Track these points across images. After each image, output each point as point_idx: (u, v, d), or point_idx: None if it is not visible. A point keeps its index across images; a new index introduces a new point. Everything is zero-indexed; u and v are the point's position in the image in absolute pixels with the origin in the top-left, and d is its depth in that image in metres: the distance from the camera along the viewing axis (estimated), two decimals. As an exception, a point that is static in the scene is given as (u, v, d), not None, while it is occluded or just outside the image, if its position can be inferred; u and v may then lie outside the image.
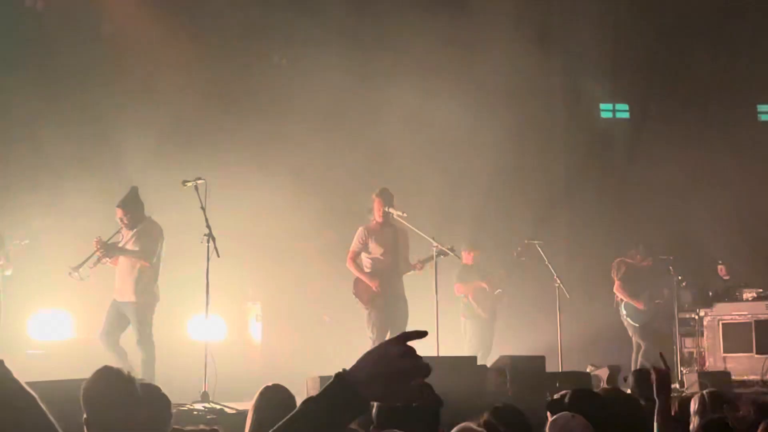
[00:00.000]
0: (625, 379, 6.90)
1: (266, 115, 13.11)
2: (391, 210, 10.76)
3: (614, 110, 16.86)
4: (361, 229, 10.56)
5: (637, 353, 12.37)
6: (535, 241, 12.09)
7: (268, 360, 12.39)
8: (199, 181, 9.15)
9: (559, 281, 11.84)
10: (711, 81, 15.68)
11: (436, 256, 10.67)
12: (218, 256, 9.13)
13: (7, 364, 5.97)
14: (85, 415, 3.94)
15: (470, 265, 12.71)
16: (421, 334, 2.43)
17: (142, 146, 12.14)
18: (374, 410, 4.07)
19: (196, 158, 11.41)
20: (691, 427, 5.42)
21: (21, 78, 12.11)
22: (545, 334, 12.25)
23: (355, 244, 10.56)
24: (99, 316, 10.41)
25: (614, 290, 12.52)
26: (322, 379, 8.75)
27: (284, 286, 12.22)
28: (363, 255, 10.55)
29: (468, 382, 9.12)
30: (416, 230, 10.84)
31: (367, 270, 10.52)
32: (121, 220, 9.83)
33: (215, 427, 5.04)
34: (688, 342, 13.27)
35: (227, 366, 10.40)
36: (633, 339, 12.51)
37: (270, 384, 5.14)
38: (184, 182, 9.27)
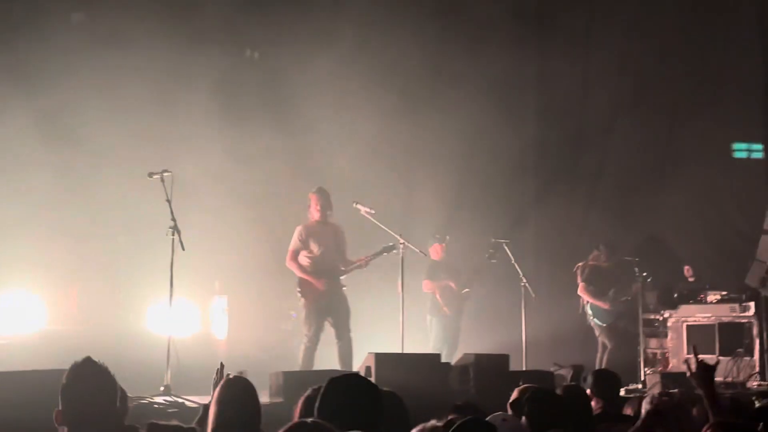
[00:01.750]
0: (585, 379, 6.94)
1: (233, 105, 13.04)
2: (359, 206, 10.80)
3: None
4: (299, 227, 10.60)
5: (603, 353, 12.45)
6: (503, 241, 12.15)
7: (233, 354, 12.32)
8: (165, 173, 9.10)
9: (525, 281, 11.90)
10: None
11: (381, 252, 10.72)
12: (183, 249, 9.09)
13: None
14: (59, 407, 3.90)
15: (439, 261, 12.72)
16: None
17: (107, 135, 12.08)
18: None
19: (163, 150, 11.36)
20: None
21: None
22: (510, 333, 12.29)
23: (294, 243, 10.59)
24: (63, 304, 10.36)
25: (578, 292, 12.60)
26: (286, 375, 8.75)
27: (252, 280, 12.17)
28: (302, 254, 10.54)
29: (431, 380, 9.14)
30: (383, 227, 10.85)
31: (307, 268, 10.52)
32: None
33: (193, 426, 5.02)
34: (653, 343, 13.36)
35: (190, 359, 10.38)
36: (599, 339, 12.60)
37: (231, 376, 5.12)
38: (150, 174, 9.22)
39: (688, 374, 4.96)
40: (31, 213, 11.35)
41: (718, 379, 11.87)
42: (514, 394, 6.04)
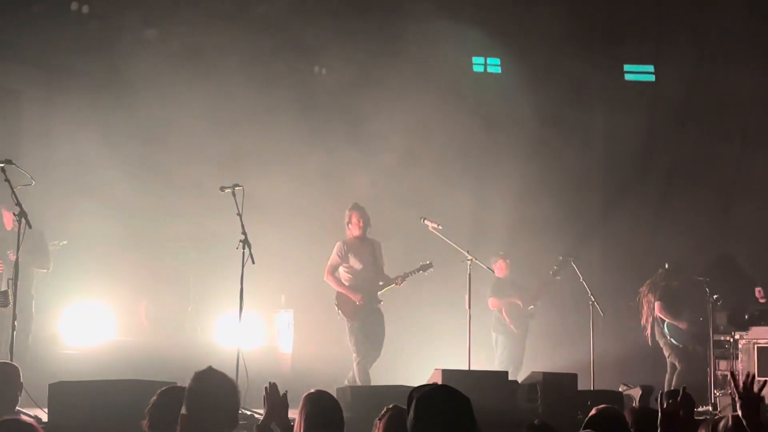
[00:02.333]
0: (657, 399, 6.81)
1: (301, 122, 13.14)
2: (426, 222, 10.81)
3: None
4: (339, 243, 10.67)
5: (672, 374, 12.27)
6: (570, 258, 12.04)
7: (298, 368, 12.43)
8: (236, 188, 9.18)
9: (593, 299, 11.77)
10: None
11: (419, 270, 10.78)
12: (253, 262, 9.14)
13: (40, 363, 6.02)
14: (183, 411, 3.97)
15: (504, 278, 12.67)
16: None
17: (179, 150, 12.26)
18: None
19: (235, 165, 11.49)
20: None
21: (64, 82, 12.26)
22: (578, 351, 12.17)
23: (333, 258, 10.66)
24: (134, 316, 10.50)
25: (656, 311, 12.43)
26: (353, 389, 8.77)
27: (318, 295, 12.19)
28: (341, 268, 10.63)
29: (499, 398, 9.08)
30: (451, 243, 10.84)
31: (345, 283, 10.60)
32: None
33: None
34: (722, 364, 13.11)
35: (257, 373, 10.44)
36: (668, 360, 12.42)
37: (313, 390, 5.13)
38: (222, 188, 9.30)
39: (730, 391, 4.81)
40: (104, 226, 11.55)
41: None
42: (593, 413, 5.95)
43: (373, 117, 13.59)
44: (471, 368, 10.58)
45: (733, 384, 4.68)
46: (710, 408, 11.62)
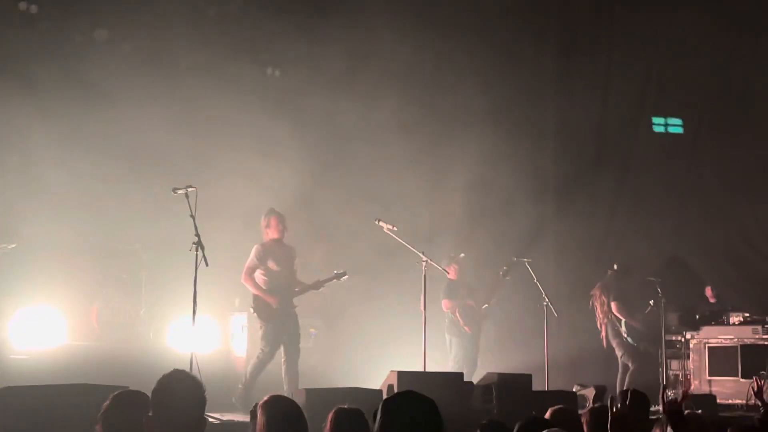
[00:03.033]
0: (612, 399, 6.85)
1: (257, 124, 13.06)
2: (381, 224, 10.80)
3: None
4: (257, 246, 10.67)
5: (624, 374, 12.38)
6: (525, 259, 12.08)
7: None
8: (189, 189, 9.10)
9: (547, 300, 11.83)
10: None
11: (333, 278, 10.89)
12: (207, 265, 9.06)
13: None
14: (149, 413, 3.92)
15: (456, 280, 12.67)
16: None
17: (130, 153, 12.13)
18: None
19: (187, 166, 11.40)
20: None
21: (12, 84, 12.06)
22: (532, 352, 12.24)
23: (251, 261, 10.66)
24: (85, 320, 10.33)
25: (614, 311, 12.52)
26: (308, 392, 8.71)
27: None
28: (258, 272, 10.63)
29: (454, 399, 9.08)
30: (405, 244, 10.84)
31: (262, 286, 10.60)
32: None
33: None
34: (674, 364, 13.26)
35: (211, 376, 10.35)
36: (620, 360, 12.52)
37: (272, 395, 5.05)
38: (175, 190, 9.21)
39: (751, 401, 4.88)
40: (54, 229, 11.39)
41: (738, 401, 11.90)
42: (547, 416, 5.99)
43: (326, 117, 13.60)
44: (426, 370, 10.55)
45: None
46: (660, 407, 11.69)
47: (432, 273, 11.08)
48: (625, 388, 11.55)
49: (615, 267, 12.88)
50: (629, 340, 12.47)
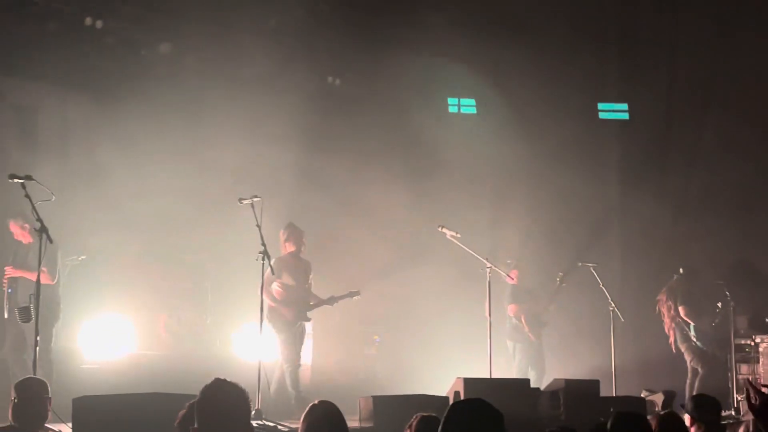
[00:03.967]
0: (682, 405, 6.77)
1: (317, 133, 13.16)
2: (444, 230, 10.80)
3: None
4: (274, 260, 10.64)
5: (693, 379, 12.20)
6: (589, 264, 11.97)
7: (317, 379, 12.41)
8: (255, 199, 9.21)
9: (613, 305, 11.71)
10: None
11: (346, 296, 11.07)
12: (273, 273, 9.17)
13: (61, 378, 5.98)
14: (195, 425, 3.95)
15: (519, 285, 12.60)
16: None
17: (196, 163, 12.29)
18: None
19: (252, 176, 11.51)
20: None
21: (79, 98, 12.30)
22: (598, 358, 12.12)
23: (268, 275, 10.65)
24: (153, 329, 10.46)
25: (682, 315, 12.36)
26: (375, 399, 8.74)
27: (337, 306, 12.20)
28: (274, 284, 10.69)
29: (521, 406, 9.03)
30: (469, 251, 10.82)
31: (278, 298, 10.67)
32: None
33: None
34: (744, 368, 13.05)
35: (276, 384, 10.46)
36: (690, 364, 12.34)
37: (317, 401, 5.12)
38: (240, 200, 9.33)
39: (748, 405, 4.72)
40: (122, 240, 11.56)
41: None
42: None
43: (384, 125, 13.65)
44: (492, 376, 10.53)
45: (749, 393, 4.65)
46: (732, 412, 11.55)
47: (495, 279, 11.05)
48: (695, 393, 11.41)
49: (681, 271, 12.72)
50: (698, 344, 12.29)
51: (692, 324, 12.35)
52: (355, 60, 13.63)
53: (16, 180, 8.20)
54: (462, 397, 8.88)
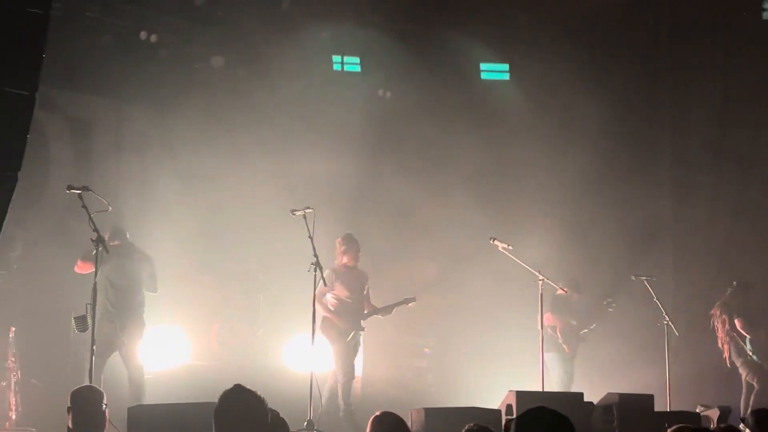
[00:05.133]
0: (743, 420, 6.66)
1: (371, 151, 13.20)
2: (496, 242, 10.74)
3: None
4: (328, 271, 10.58)
5: (749, 394, 12.00)
6: (643, 277, 11.81)
7: (368, 391, 12.42)
8: (308, 210, 9.25)
9: (668, 319, 11.55)
10: None
11: (401, 303, 10.94)
12: (325, 284, 9.19)
13: (115, 388, 6.00)
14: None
15: (564, 296, 12.31)
16: None
17: (248, 175, 12.38)
18: None
19: (304, 187, 11.58)
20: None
21: (132, 111, 12.47)
22: (652, 372, 11.96)
23: (322, 285, 10.62)
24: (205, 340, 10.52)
25: (738, 328, 12.17)
26: (427, 411, 8.69)
27: (387, 317, 12.24)
28: (329, 295, 10.66)
29: (574, 420, 8.90)
30: (522, 263, 10.75)
31: (331, 308, 10.63)
32: None
33: None
34: (801, 384, 12.79)
35: (329, 393, 10.46)
36: (745, 379, 12.14)
37: (379, 412, 5.16)
38: (293, 211, 9.37)
39: None
40: (175, 250, 11.67)
41: None
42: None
43: (435, 138, 13.65)
44: (544, 390, 10.44)
45: None
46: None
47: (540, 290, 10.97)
48: (751, 408, 11.21)
49: (734, 284, 12.53)
50: (755, 358, 12.09)
51: (748, 337, 12.16)
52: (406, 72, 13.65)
53: (73, 191, 8.28)
54: (515, 411, 8.82)
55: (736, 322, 12.20)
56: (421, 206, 13.21)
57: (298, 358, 11.76)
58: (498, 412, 8.99)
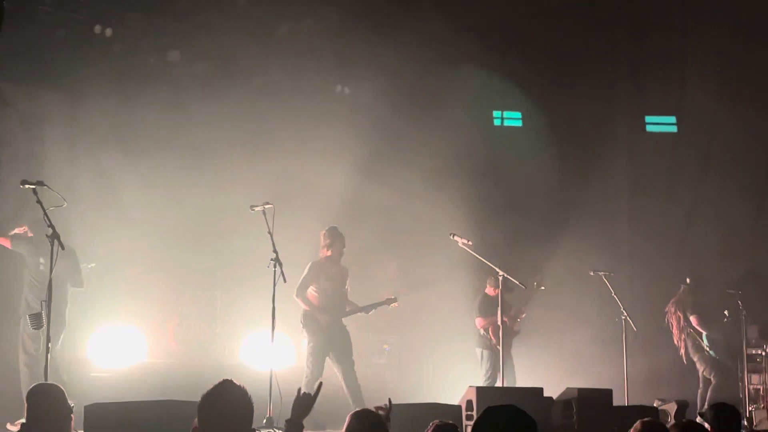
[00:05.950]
0: (701, 415, 6.69)
1: (329, 141, 13.13)
2: (456, 238, 10.73)
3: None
4: (312, 263, 10.64)
5: (705, 388, 12.12)
6: (601, 272, 11.86)
7: (328, 389, 12.29)
8: (267, 206, 9.17)
9: (625, 314, 11.61)
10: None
11: (382, 303, 10.89)
12: (285, 281, 9.11)
13: (71, 387, 5.86)
14: (195, 425, 3.95)
15: (493, 296, 12.22)
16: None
17: (205, 171, 12.26)
18: None
19: (262, 183, 11.48)
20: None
21: (88, 106, 12.27)
22: (609, 367, 12.05)
23: (304, 278, 10.63)
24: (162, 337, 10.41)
25: (694, 325, 12.29)
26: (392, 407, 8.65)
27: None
28: (311, 288, 10.60)
29: (534, 415, 8.92)
30: (482, 259, 10.76)
31: (314, 303, 10.56)
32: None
33: None
34: (755, 378, 12.97)
35: (287, 393, 10.38)
36: (701, 374, 12.26)
37: (358, 409, 5.15)
38: (252, 207, 9.29)
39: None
40: (131, 248, 11.53)
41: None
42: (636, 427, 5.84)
43: (396, 134, 13.60)
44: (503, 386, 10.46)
45: None
46: (745, 422, 11.46)
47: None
48: (709, 402, 11.33)
49: (687, 281, 12.65)
50: (712, 353, 12.22)
51: (704, 333, 12.29)
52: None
53: (28, 186, 8.13)
54: (475, 406, 8.82)
55: (692, 319, 12.33)
56: (377, 199, 13.16)
57: (257, 355, 11.66)
58: (458, 407, 8.99)
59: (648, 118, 16.08)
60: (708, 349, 12.23)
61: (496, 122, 15.81)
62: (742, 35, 14.75)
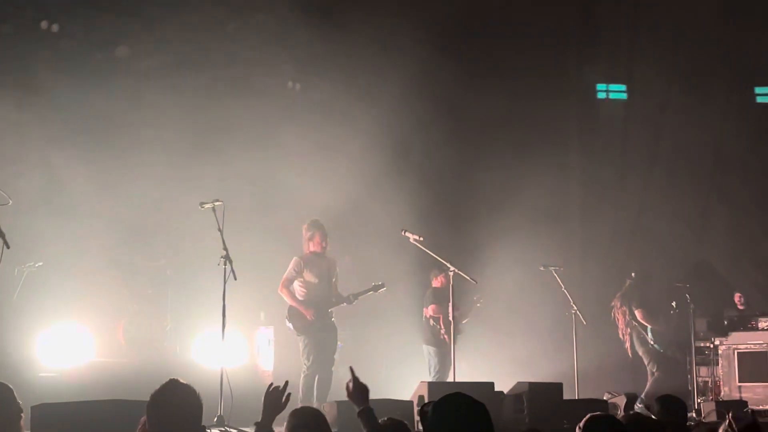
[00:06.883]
0: (648, 407, 6.79)
1: (275, 138, 13.06)
2: (407, 234, 10.76)
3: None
4: (296, 258, 10.66)
5: (654, 381, 12.28)
6: (552, 267, 11.95)
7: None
8: (216, 203, 9.10)
9: (575, 308, 11.71)
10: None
11: (370, 290, 10.88)
12: (235, 278, 9.06)
13: (18, 387, 5.79)
14: (144, 424, 3.94)
15: (442, 288, 12.24)
16: None
17: (154, 168, 12.14)
18: None
19: (212, 181, 11.41)
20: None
21: (35, 102, 12.10)
22: (559, 361, 12.14)
23: (289, 272, 10.66)
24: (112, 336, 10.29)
25: (639, 318, 12.43)
26: (339, 404, 8.66)
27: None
28: (296, 283, 10.62)
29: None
30: (433, 254, 10.81)
31: (300, 298, 10.57)
32: None
33: None
34: (703, 371, 13.15)
35: (239, 390, 10.32)
36: (648, 367, 12.42)
37: (299, 407, 5.15)
38: (202, 204, 9.21)
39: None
40: (79, 246, 11.40)
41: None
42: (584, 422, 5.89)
43: (347, 130, 13.57)
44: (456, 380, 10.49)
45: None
46: (693, 414, 11.61)
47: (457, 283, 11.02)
48: (648, 394, 11.50)
49: (633, 275, 12.79)
50: (656, 346, 12.38)
51: (649, 327, 12.43)
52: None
53: (-29, 184, 8.00)
54: (426, 401, 8.84)
55: (637, 313, 12.47)
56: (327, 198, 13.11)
57: (208, 353, 11.58)
58: (410, 403, 9.02)
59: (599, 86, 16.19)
60: (653, 342, 12.38)
61: None
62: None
